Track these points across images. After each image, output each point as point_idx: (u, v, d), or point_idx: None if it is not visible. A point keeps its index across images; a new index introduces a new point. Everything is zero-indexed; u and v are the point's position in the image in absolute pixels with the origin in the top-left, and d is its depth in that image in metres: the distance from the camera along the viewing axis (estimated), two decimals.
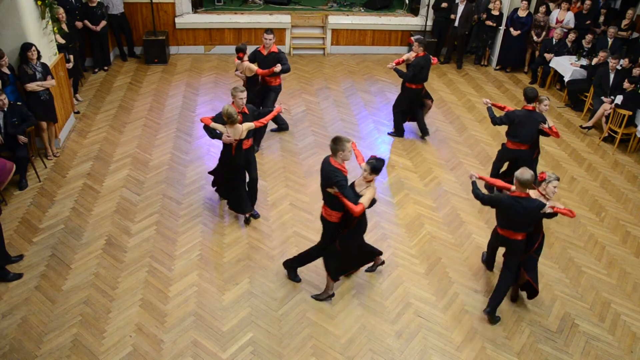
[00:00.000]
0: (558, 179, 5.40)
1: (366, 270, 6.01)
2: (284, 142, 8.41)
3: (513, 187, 5.31)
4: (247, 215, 6.65)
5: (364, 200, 4.99)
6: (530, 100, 6.74)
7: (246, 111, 6.29)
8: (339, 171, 5.06)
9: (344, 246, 5.38)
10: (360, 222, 5.29)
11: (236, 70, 7.85)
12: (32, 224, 6.47)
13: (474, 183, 5.64)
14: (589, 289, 6.10)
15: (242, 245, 6.34)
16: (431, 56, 8.27)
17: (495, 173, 7.29)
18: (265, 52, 7.86)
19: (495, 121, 6.97)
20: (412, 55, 8.26)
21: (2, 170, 6.45)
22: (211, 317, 5.41)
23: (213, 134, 6.07)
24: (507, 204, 5.18)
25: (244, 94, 6.23)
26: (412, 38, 8.37)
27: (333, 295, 5.69)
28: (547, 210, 5.17)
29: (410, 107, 8.57)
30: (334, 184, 5.01)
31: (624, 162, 8.60)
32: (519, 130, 6.81)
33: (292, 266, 5.88)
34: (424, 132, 8.75)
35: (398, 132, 8.82)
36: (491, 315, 5.54)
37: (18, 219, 6.51)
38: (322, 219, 5.50)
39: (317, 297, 5.69)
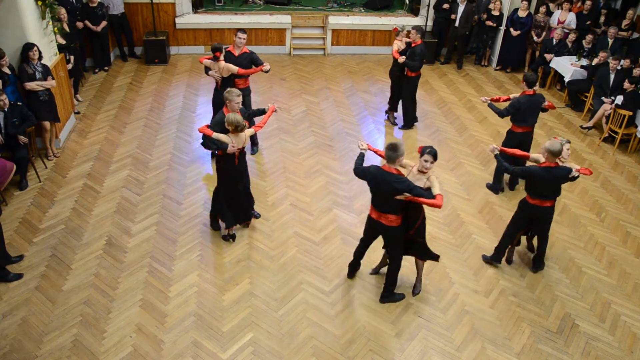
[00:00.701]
0: (569, 142, 5.96)
1: (371, 273, 6.02)
2: (284, 143, 8.41)
3: (533, 155, 5.84)
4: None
5: (438, 190, 5.00)
6: (531, 85, 7.01)
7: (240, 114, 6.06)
8: (401, 176, 4.97)
9: (423, 235, 5.50)
10: (423, 212, 5.36)
11: (207, 70, 7.28)
12: (32, 224, 6.47)
13: (497, 157, 5.90)
14: (589, 290, 6.10)
15: (242, 246, 6.34)
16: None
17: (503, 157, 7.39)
18: (236, 53, 7.42)
19: (503, 113, 7.11)
20: (402, 44, 8.44)
21: (2, 171, 6.46)
22: (211, 317, 5.42)
23: (217, 145, 5.72)
24: (539, 175, 5.53)
25: (240, 98, 5.98)
26: (397, 27, 8.56)
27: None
28: (575, 174, 5.55)
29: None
30: (405, 191, 4.90)
31: (624, 163, 8.60)
32: (525, 115, 7.05)
33: (391, 293, 5.71)
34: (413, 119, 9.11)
35: (408, 124, 8.99)
36: (541, 268, 6.26)
37: (18, 219, 6.51)
38: (386, 228, 5.28)
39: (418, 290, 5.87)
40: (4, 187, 6.67)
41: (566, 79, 10.11)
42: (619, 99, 8.80)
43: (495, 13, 10.96)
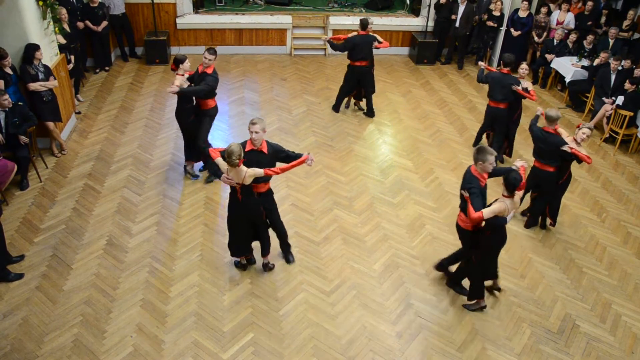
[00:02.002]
0: (590, 129, 6.36)
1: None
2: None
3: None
4: (265, 262, 5.98)
5: (485, 210, 5.02)
6: (506, 65, 7.66)
7: (264, 150, 5.37)
8: (475, 179, 5.20)
9: (479, 256, 5.46)
10: (493, 237, 5.28)
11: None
12: (33, 224, 6.47)
13: (536, 117, 6.67)
14: (590, 290, 6.10)
15: None
16: (378, 39, 8.69)
17: (481, 132, 8.41)
18: (200, 71, 6.77)
19: (480, 79, 7.88)
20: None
21: (3, 171, 6.46)
22: (212, 317, 5.42)
23: (214, 170, 5.23)
24: (535, 133, 6.47)
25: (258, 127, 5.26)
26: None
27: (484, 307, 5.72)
28: (565, 148, 6.21)
29: (356, 84, 9.05)
30: (466, 189, 5.19)
31: (625, 163, 8.60)
32: (493, 90, 7.72)
33: (457, 282, 5.87)
34: (370, 113, 9.32)
35: (336, 107, 9.34)
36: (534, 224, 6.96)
37: (19, 219, 6.52)
38: (457, 226, 5.59)
39: (468, 307, 5.75)
40: (5, 187, 6.68)
41: (567, 80, 10.10)
42: (620, 100, 8.79)
43: (496, 13, 10.96)
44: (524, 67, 7.62)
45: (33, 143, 7.31)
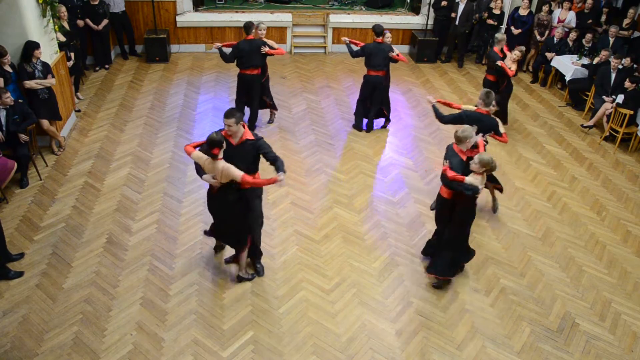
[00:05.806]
0: (521, 51, 8.10)
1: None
2: (285, 141, 8.41)
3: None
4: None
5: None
6: (378, 34, 8.17)
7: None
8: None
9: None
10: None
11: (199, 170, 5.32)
12: (33, 222, 6.47)
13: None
14: (589, 288, 6.10)
15: None
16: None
17: (362, 99, 8.61)
18: (234, 142, 5.31)
19: (356, 53, 8.21)
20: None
21: (3, 169, 6.47)
22: (212, 315, 5.42)
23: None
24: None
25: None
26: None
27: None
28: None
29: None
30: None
31: (625, 162, 8.60)
32: (374, 59, 8.17)
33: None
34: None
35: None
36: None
37: (19, 217, 6.52)
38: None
39: None
40: (5, 185, 6.68)
41: (567, 78, 10.10)
42: (620, 98, 8.79)
43: (497, 11, 10.95)
44: (396, 52, 8.17)
45: (33, 141, 7.31)
